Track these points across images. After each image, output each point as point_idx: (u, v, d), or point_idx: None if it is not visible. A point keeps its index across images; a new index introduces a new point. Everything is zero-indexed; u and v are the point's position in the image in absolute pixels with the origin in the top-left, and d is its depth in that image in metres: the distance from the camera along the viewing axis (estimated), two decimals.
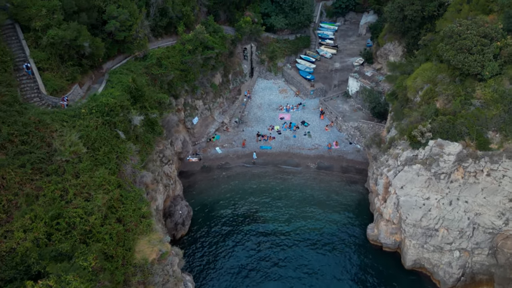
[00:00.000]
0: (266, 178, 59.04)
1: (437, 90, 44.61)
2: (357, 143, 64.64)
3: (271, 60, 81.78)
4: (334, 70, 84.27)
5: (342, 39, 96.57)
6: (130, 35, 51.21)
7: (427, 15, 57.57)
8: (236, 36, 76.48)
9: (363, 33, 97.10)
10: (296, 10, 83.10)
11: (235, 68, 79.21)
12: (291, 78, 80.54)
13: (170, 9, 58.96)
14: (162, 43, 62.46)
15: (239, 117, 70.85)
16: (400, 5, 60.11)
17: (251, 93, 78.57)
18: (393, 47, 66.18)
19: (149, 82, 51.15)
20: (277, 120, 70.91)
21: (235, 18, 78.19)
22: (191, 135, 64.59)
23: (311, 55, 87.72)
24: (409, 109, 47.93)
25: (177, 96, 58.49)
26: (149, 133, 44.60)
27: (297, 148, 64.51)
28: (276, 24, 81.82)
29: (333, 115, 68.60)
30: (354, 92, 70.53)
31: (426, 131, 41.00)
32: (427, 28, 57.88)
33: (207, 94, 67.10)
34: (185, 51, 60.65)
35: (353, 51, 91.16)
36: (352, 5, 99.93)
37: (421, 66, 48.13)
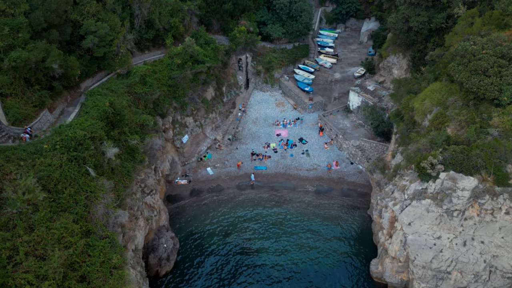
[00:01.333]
0: (261, 203, 54.41)
1: (448, 115, 39.94)
2: (358, 163, 59.99)
3: (268, 71, 77.16)
4: (334, 81, 79.64)
5: (342, 47, 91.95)
6: (110, 51, 46.62)
7: (434, 27, 52.93)
8: (230, 47, 71.91)
9: (365, 41, 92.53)
10: (294, 18, 78.48)
11: (229, 80, 74.64)
12: (288, 90, 75.90)
13: (157, 21, 54.35)
14: (149, 56, 57.88)
15: (233, 133, 66.23)
16: (405, 16, 55.46)
17: (246, 106, 73.94)
18: (397, 60, 61.53)
19: (131, 102, 46.54)
20: (273, 137, 66.29)
21: (229, 27, 73.61)
22: (180, 155, 59.97)
23: (309, 65, 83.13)
24: (416, 134, 43.27)
25: (164, 114, 53.87)
26: (129, 162, 39.98)
27: (295, 169, 59.85)
28: (273, 33, 77.19)
29: (333, 132, 63.95)
30: (355, 107, 65.88)
31: (437, 163, 36.35)
32: (434, 41, 53.22)
33: (198, 110, 62.47)
34: (174, 66, 56.10)
35: (354, 60, 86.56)
36: (353, 12, 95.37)
37: (430, 86, 43.45)
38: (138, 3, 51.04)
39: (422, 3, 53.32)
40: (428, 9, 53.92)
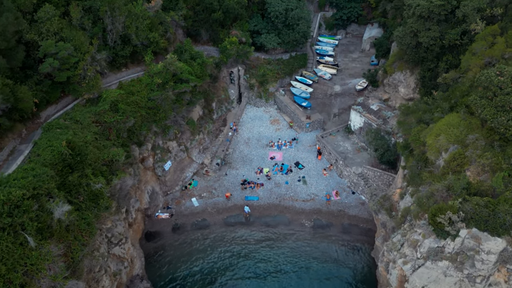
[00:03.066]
0: (251, 242, 48.23)
1: (468, 155, 33.63)
2: (361, 193, 53.73)
3: (262, 85, 70.70)
4: (334, 94, 73.22)
5: (343, 55, 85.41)
6: (76, 75, 40.25)
7: (447, 44, 46.43)
8: (221, 59, 65.45)
9: (367, 49, 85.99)
10: (291, 26, 71.88)
11: (220, 94, 68.21)
12: (284, 106, 69.49)
13: (134, 36, 47.86)
14: (127, 75, 51.49)
15: (222, 157, 59.92)
16: (413, 30, 48.94)
17: (238, 124, 67.58)
18: (404, 77, 55.05)
19: (99, 134, 40.20)
20: (267, 161, 59.97)
21: (219, 38, 67.09)
22: (162, 184, 53.71)
23: (308, 76, 76.70)
24: (429, 174, 36.95)
25: (141, 143, 47.56)
26: (91, 210, 33.74)
27: (290, 199, 53.59)
28: (267, 43, 70.63)
29: (333, 157, 57.60)
30: (357, 127, 59.50)
31: (458, 220, 30.10)
32: (447, 60, 46.74)
33: (183, 133, 56.13)
34: (154, 86, 49.71)
35: (356, 71, 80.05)
36: (354, 17, 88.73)
37: (445, 119, 37.06)
38: (111, 17, 44.56)
39: (433, 17, 46.79)
40: (440, 23, 47.42)
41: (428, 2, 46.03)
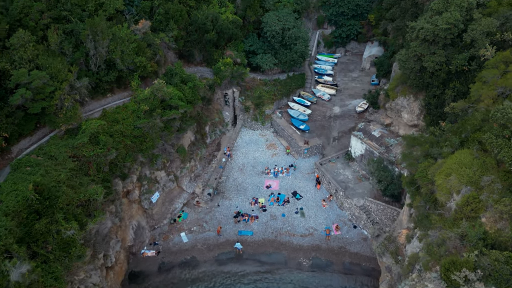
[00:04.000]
0: (244, 282, 44.26)
1: (484, 200, 30.06)
2: (363, 228, 49.94)
3: (258, 107, 67.53)
4: (333, 116, 70.04)
5: (342, 74, 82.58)
6: (51, 105, 36.96)
7: (454, 70, 43.31)
8: (215, 81, 62.43)
9: (367, 68, 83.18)
10: (288, 46, 69.09)
11: (214, 117, 64.97)
12: (281, 130, 66.16)
13: (119, 61, 44.74)
14: (112, 100, 48.20)
15: (214, 186, 56.29)
16: (417, 54, 45.88)
17: (233, 149, 64.17)
18: (408, 102, 51.80)
19: (76, 170, 36.69)
20: (262, 190, 56.32)
21: (213, 59, 64.17)
22: (149, 217, 49.96)
23: (306, 97, 73.71)
24: (439, 217, 33.33)
25: (125, 175, 44.01)
26: (61, 261, 30.00)
27: (287, 234, 49.77)
28: (263, 64, 67.68)
29: (332, 187, 53.98)
30: (358, 155, 56.04)
31: (475, 280, 26.38)
32: (454, 87, 43.53)
33: (172, 161, 52.65)
34: (140, 113, 46.45)
35: (356, 91, 77.09)
36: (353, 35, 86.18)
37: (456, 156, 33.58)
38: (93, 42, 41.49)
39: (438, 41, 43.76)
40: (446, 47, 44.37)
41: (433, 26, 43.07)
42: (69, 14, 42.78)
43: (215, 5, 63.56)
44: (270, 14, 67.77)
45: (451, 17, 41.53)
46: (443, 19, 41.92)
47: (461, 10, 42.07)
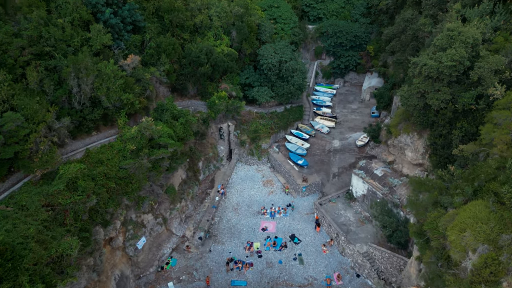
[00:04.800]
0: None
1: (504, 262, 26.49)
2: (367, 277, 45.82)
3: (253, 141, 64.67)
4: (333, 150, 67.10)
5: (341, 105, 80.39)
6: (26, 149, 33.94)
7: (461, 108, 40.64)
8: (209, 115, 59.89)
9: (367, 99, 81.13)
10: (285, 79, 67.08)
11: (208, 152, 61.97)
12: (278, 165, 62.98)
13: (104, 99, 42.13)
14: (98, 139, 45.25)
15: (206, 228, 52.48)
16: (420, 90, 43.38)
17: (227, 186, 60.75)
18: (411, 140, 48.90)
19: (50, 221, 33.19)
20: (258, 232, 52.47)
21: (207, 92, 61.90)
22: (134, 265, 45.89)
23: (304, 130, 71.09)
24: (454, 278, 29.60)
25: (107, 222, 40.42)
26: None
27: (284, 284, 45.53)
28: (260, 98, 65.41)
29: (333, 230, 50.20)
30: (359, 194, 52.61)
31: None
32: (462, 127, 40.72)
33: (161, 203, 49.16)
34: (126, 152, 43.41)
35: (356, 123, 74.63)
36: (352, 66, 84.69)
37: (469, 208, 30.20)
38: (76, 79, 38.98)
39: (443, 78, 41.34)
40: (451, 85, 41.89)
41: (436, 62, 40.73)
42: (53, 49, 40.53)
43: (210, 37, 61.95)
44: (266, 46, 66.16)
45: (456, 54, 39.25)
46: (448, 56, 39.63)
47: (466, 47, 39.86)
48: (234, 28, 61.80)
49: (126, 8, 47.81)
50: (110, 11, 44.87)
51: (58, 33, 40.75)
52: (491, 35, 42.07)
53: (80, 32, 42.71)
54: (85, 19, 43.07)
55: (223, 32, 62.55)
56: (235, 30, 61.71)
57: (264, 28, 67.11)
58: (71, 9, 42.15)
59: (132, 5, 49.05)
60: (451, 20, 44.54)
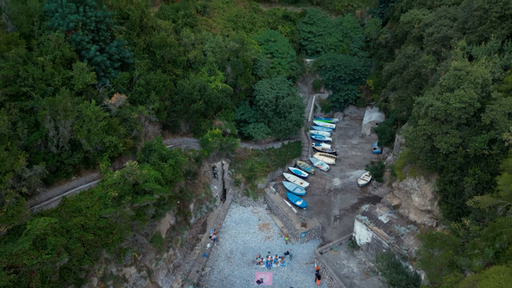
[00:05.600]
0: None
1: None
2: None
3: (249, 180, 60.86)
4: (334, 190, 63.18)
5: (341, 141, 77.18)
6: None
7: (472, 153, 37.20)
8: (202, 153, 56.47)
9: (367, 134, 78.07)
10: (282, 114, 64.21)
11: (200, 193, 58.00)
12: (275, 207, 58.83)
13: (85, 142, 38.74)
14: (79, 184, 41.50)
15: (196, 281, 47.70)
16: (427, 132, 40.12)
17: (220, 230, 56.34)
18: (418, 184, 45.15)
19: (12, 286, 28.86)
20: (252, 285, 47.62)
21: (200, 128, 58.80)
22: None
23: (302, 167, 67.51)
24: None
25: (81, 281, 35.93)
26: None
27: None
28: (256, 135, 62.25)
29: (335, 283, 45.46)
30: (363, 243, 48.24)
31: None
32: (475, 173, 37.11)
33: (145, 254, 44.71)
34: (108, 200, 39.56)
35: (357, 160, 71.19)
36: (352, 99, 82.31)
37: (492, 276, 26.02)
38: (53, 121, 35.74)
39: (451, 120, 38.20)
40: (460, 127, 38.70)
41: (444, 104, 37.69)
42: (31, 89, 37.58)
43: (204, 73, 59.57)
44: (263, 81, 63.77)
45: (465, 95, 36.27)
46: (456, 97, 36.63)
47: (475, 87, 36.96)
48: (229, 63, 59.53)
49: (114, 45, 45.39)
50: (96, 48, 42.34)
51: (37, 72, 37.96)
52: (501, 74, 39.36)
53: (62, 70, 39.95)
54: (68, 57, 40.42)
55: (217, 68, 60.24)
56: (230, 66, 59.40)
57: (260, 63, 64.98)
58: (53, 47, 39.56)
59: (120, 42, 46.72)
60: (457, 58, 41.99)
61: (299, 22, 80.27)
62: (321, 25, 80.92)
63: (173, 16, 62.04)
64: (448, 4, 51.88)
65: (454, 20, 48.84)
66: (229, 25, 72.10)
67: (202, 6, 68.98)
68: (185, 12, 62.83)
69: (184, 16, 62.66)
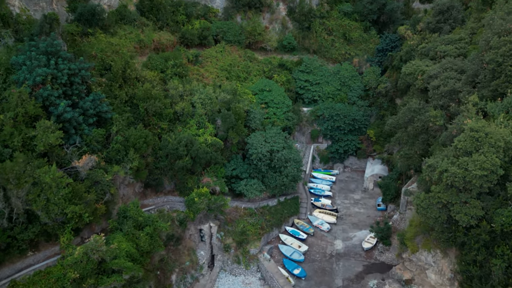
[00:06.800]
0: None
1: None
2: None
3: (240, 245, 54.02)
4: (336, 255, 56.19)
5: (342, 195, 71.11)
6: None
7: (499, 229, 31.21)
8: (187, 215, 50.31)
9: (370, 188, 72.20)
10: (277, 169, 58.77)
11: (184, 261, 51.01)
12: (269, 277, 51.51)
13: (42, 213, 32.84)
14: (36, 260, 35.29)
15: None
16: (442, 201, 34.33)
17: None
18: (434, 259, 38.56)
19: None
20: None
21: (187, 186, 53.10)
22: None
23: (301, 227, 60.98)
24: None
25: None
26: None
27: None
28: (248, 193, 56.44)
29: None
30: None
31: None
32: (503, 254, 30.89)
33: None
34: (67, 282, 32.89)
35: (360, 218, 64.72)
36: (352, 150, 77.30)
37: None
38: (3, 191, 30.09)
39: (471, 188, 32.63)
40: (482, 196, 33.05)
41: (461, 170, 32.29)
42: None
43: (193, 126, 54.99)
44: (256, 134, 59.05)
45: (487, 162, 30.96)
46: (476, 163, 31.31)
47: (497, 151, 31.80)
48: (219, 116, 55.10)
49: (89, 99, 40.96)
50: (66, 104, 37.77)
51: None
52: None
53: (24, 129, 35.00)
54: (32, 114, 35.68)
55: (207, 120, 55.77)
56: (220, 118, 54.92)
57: (254, 115, 60.65)
58: (16, 103, 34.93)
59: (97, 95, 42.37)
60: (470, 115, 37.28)
61: (296, 70, 77.42)
62: (318, 73, 77.98)
63: (162, 66, 58.69)
64: (453, 55, 48.34)
65: (461, 73, 44.90)
66: (223, 74, 68.82)
67: (194, 55, 66.03)
68: (175, 61, 59.55)
69: (173, 66, 59.31)
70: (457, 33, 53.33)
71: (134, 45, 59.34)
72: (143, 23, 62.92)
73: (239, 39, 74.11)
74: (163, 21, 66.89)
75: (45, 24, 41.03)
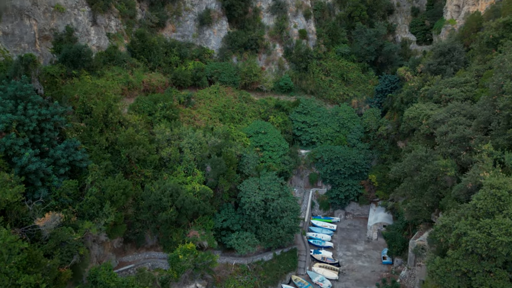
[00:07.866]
0: None
1: None
2: None
3: None
4: None
5: (344, 246, 65.08)
6: None
7: None
8: (169, 274, 44.44)
9: (374, 237, 66.36)
10: (273, 220, 53.52)
11: None
12: None
13: None
14: None
15: None
16: (462, 269, 29.02)
17: None
18: None
19: None
20: None
21: (171, 241, 47.62)
22: None
23: (299, 284, 54.68)
24: None
25: None
26: None
27: None
28: (240, 248, 50.74)
29: None
30: None
31: None
32: None
33: None
34: None
35: (364, 273, 58.39)
36: (353, 196, 72.20)
37: None
38: None
39: (496, 256, 27.52)
40: (509, 265, 27.85)
41: (483, 234, 27.38)
42: None
43: (180, 172, 50.52)
44: (249, 181, 54.42)
45: None
46: (501, 227, 26.48)
47: None
48: (209, 162, 50.76)
49: (61, 147, 36.80)
50: (31, 154, 33.49)
51: None
52: None
53: None
54: None
55: (196, 166, 51.37)
56: (210, 165, 50.54)
57: (247, 160, 56.37)
58: None
59: (72, 142, 38.29)
60: (487, 167, 32.89)
61: (293, 111, 74.26)
62: (315, 114, 74.71)
63: (150, 108, 55.26)
64: (460, 99, 44.89)
65: (470, 118, 41.13)
66: (216, 116, 65.38)
67: (185, 97, 62.95)
68: (165, 103, 56.19)
69: (163, 108, 55.86)
70: (461, 75, 50.37)
71: (122, 87, 56.31)
72: (133, 64, 60.42)
73: (234, 80, 71.60)
74: (155, 62, 64.56)
75: (20, 66, 37.86)
